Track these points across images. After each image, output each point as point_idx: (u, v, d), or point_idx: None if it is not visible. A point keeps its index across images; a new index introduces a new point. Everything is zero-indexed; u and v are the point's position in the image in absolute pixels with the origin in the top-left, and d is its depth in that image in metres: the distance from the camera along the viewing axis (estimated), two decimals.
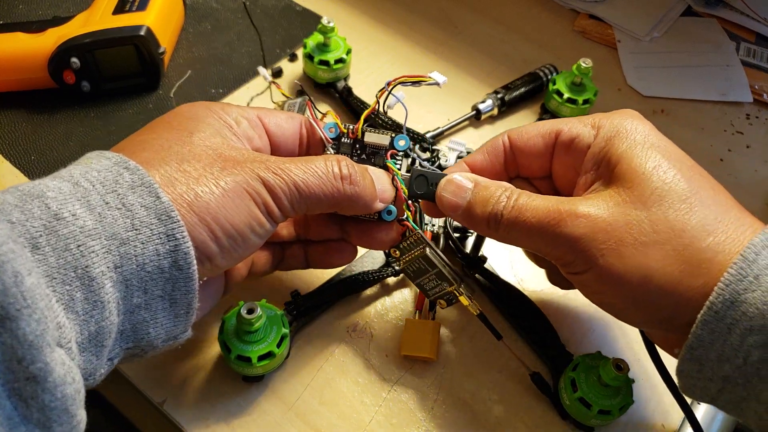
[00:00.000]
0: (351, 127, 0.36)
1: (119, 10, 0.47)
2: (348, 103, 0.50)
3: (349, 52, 0.50)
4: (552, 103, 0.50)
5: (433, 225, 0.42)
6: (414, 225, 0.34)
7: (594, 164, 0.32)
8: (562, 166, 0.34)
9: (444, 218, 0.42)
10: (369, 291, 0.41)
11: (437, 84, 0.35)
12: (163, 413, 0.35)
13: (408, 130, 0.46)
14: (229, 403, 0.35)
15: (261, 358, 0.34)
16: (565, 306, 0.41)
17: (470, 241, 0.42)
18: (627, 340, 0.40)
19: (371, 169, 0.34)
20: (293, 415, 0.35)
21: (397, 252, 0.35)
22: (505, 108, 0.51)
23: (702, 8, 0.63)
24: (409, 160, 0.36)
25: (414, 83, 0.36)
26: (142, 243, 0.26)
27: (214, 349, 0.37)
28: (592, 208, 0.30)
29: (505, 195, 0.32)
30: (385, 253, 0.41)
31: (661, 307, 0.29)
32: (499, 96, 0.51)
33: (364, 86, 0.52)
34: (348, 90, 0.50)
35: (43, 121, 0.47)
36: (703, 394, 0.29)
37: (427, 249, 0.34)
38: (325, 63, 0.49)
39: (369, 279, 0.40)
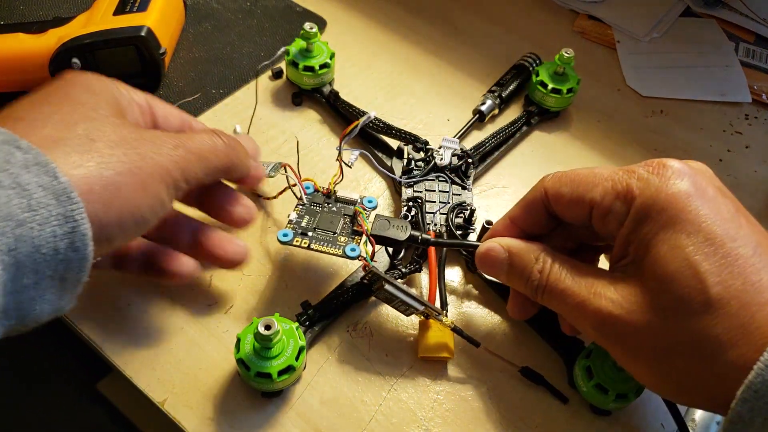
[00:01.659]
0: (323, 187, 0.41)
1: (120, 10, 0.48)
2: (335, 108, 0.49)
3: (332, 56, 0.50)
4: (537, 95, 0.51)
5: (435, 225, 0.42)
6: (372, 263, 0.36)
7: (625, 242, 0.31)
8: (601, 229, 0.33)
9: (445, 217, 0.42)
10: None
11: (369, 118, 0.41)
12: (165, 413, 0.35)
13: (399, 131, 0.46)
14: (229, 402, 0.36)
15: (281, 373, 0.33)
16: None
17: (472, 239, 0.42)
18: None
19: (234, 135, 0.38)
20: (294, 414, 0.36)
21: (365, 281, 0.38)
22: (504, 104, 0.52)
23: (701, 9, 0.63)
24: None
25: (351, 131, 0.41)
26: (39, 224, 0.25)
27: (215, 351, 0.37)
28: (617, 308, 0.29)
29: (537, 269, 0.33)
30: (389, 256, 0.41)
31: (688, 399, 0.30)
32: (496, 95, 0.51)
33: (364, 87, 0.52)
34: (335, 94, 0.50)
35: None
36: None
37: (385, 284, 0.35)
38: (310, 69, 0.49)
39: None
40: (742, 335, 0.27)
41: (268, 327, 0.32)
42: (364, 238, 0.38)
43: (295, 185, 0.41)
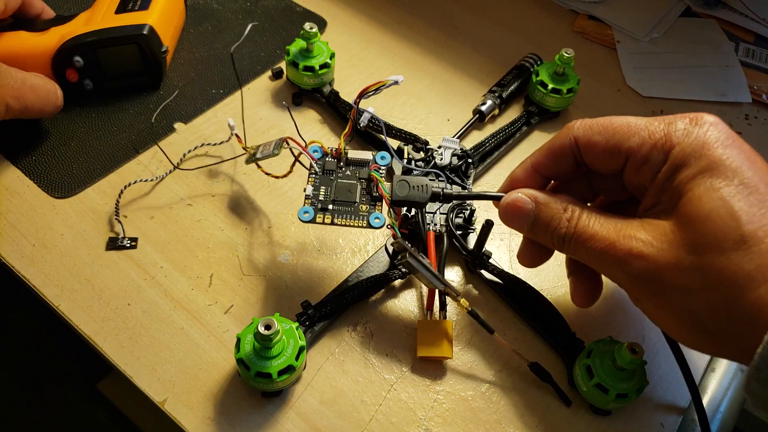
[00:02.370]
0: (333, 148, 0.39)
1: (122, 9, 0.48)
2: (335, 108, 0.50)
3: (332, 56, 0.50)
4: (537, 95, 0.51)
5: (435, 225, 0.42)
6: (398, 232, 0.35)
7: (660, 189, 0.31)
8: (633, 180, 0.33)
9: (446, 216, 0.42)
10: None
11: (396, 83, 0.37)
12: (165, 413, 0.35)
13: (399, 131, 0.46)
14: (229, 401, 0.36)
15: (281, 372, 0.33)
16: (566, 300, 0.41)
17: (472, 238, 0.42)
18: (634, 324, 0.41)
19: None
20: (294, 414, 0.36)
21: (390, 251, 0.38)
22: (504, 105, 0.52)
23: (701, 9, 0.63)
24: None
25: (375, 91, 0.38)
26: None
27: (215, 351, 0.37)
28: (645, 247, 0.29)
29: (565, 217, 0.33)
30: (389, 256, 0.41)
31: (713, 345, 0.29)
32: (496, 95, 0.51)
33: (364, 86, 0.52)
34: (335, 94, 0.50)
35: (44, 121, 0.47)
36: None
37: (408, 256, 0.35)
38: (310, 69, 0.49)
39: (378, 283, 0.40)
40: None
41: (268, 327, 0.32)
42: (385, 206, 0.37)
43: (300, 154, 0.39)
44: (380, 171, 0.39)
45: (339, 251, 0.42)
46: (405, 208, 0.42)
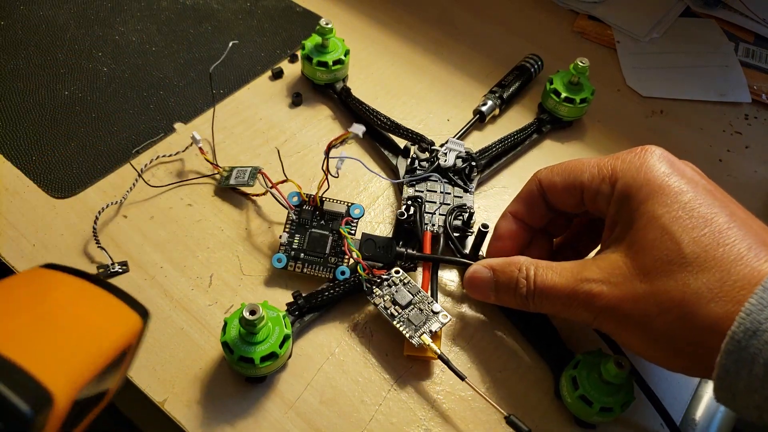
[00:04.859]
0: (311, 195, 0.41)
1: None
2: (347, 105, 0.50)
3: (347, 53, 0.50)
4: (549, 102, 0.50)
5: (433, 225, 0.42)
6: (366, 286, 0.38)
7: (612, 221, 0.33)
8: (593, 209, 0.35)
9: (445, 219, 0.42)
10: None
11: (358, 135, 0.37)
12: (165, 413, 0.35)
13: (406, 130, 0.46)
14: (229, 402, 0.36)
15: (264, 359, 0.34)
16: None
17: (470, 241, 0.42)
18: None
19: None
20: (294, 415, 0.36)
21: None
22: (504, 105, 0.52)
23: (701, 9, 0.63)
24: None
25: (342, 142, 0.39)
26: None
27: (215, 351, 0.37)
28: (603, 286, 0.31)
29: (522, 277, 0.35)
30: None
31: (680, 361, 0.30)
32: (497, 95, 0.51)
33: (364, 87, 0.52)
34: (347, 91, 0.50)
35: (44, 122, 0.47)
36: (750, 417, 0.29)
37: (376, 308, 0.38)
38: (324, 64, 0.49)
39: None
40: (720, 289, 0.28)
41: (253, 312, 0.33)
42: (351, 257, 0.39)
43: (273, 188, 0.41)
44: (352, 224, 0.41)
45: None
46: (404, 207, 0.42)
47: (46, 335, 0.17)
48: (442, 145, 0.46)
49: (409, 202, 0.42)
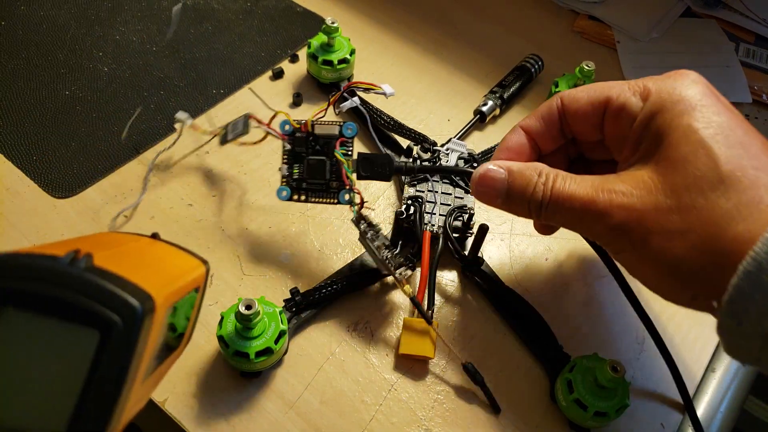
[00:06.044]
0: (303, 121, 0.40)
1: None
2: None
3: (353, 52, 0.50)
4: None
5: (432, 225, 0.42)
6: (355, 214, 0.38)
7: (638, 138, 0.31)
8: (612, 133, 0.34)
9: (444, 219, 0.42)
10: (369, 290, 0.41)
11: (384, 94, 0.40)
12: (163, 411, 0.35)
13: (409, 130, 0.46)
14: (230, 403, 0.36)
15: (258, 354, 0.34)
16: (563, 308, 0.41)
17: (469, 242, 0.42)
18: (625, 343, 0.40)
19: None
20: (294, 415, 0.36)
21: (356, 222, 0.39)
22: (505, 105, 0.52)
23: (701, 9, 0.63)
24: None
25: (365, 90, 0.41)
26: None
27: (214, 348, 0.37)
28: (625, 198, 0.29)
29: (540, 182, 0.32)
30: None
31: (690, 289, 0.29)
32: (497, 95, 0.51)
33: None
34: (351, 91, 0.50)
35: (45, 122, 0.47)
36: (746, 354, 0.28)
37: (360, 237, 0.37)
38: (329, 63, 0.49)
39: (368, 276, 0.40)
40: (750, 211, 0.27)
41: (249, 307, 0.33)
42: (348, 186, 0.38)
43: (267, 134, 0.40)
44: (348, 144, 0.39)
45: (339, 251, 0.42)
46: (405, 206, 0.42)
47: (144, 265, 0.21)
48: (443, 146, 0.46)
49: (409, 202, 0.42)
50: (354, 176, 0.38)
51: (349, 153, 0.39)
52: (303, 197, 0.40)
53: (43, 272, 0.19)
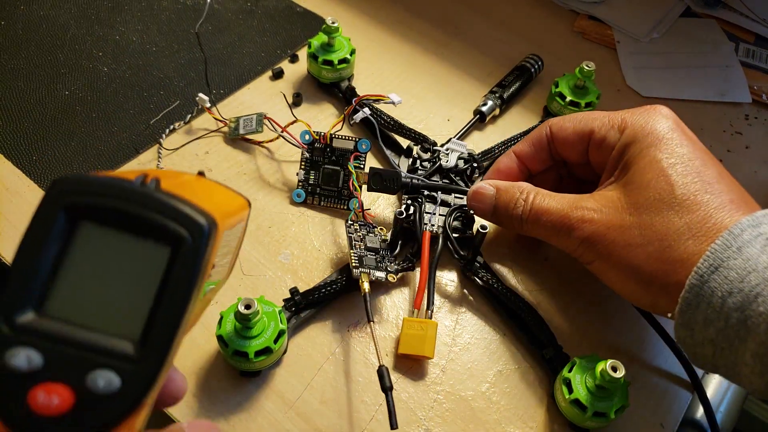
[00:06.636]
0: (322, 133, 0.44)
1: None
2: (351, 104, 0.50)
3: (353, 52, 0.50)
4: (554, 106, 0.50)
5: (432, 225, 0.42)
6: (354, 215, 0.42)
7: (613, 165, 0.37)
8: (596, 159, 0.39)
9: (444, 220, 0.42)
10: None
11: (393, 103, 0.43)
12: (163, 411, 0.35)
13: (409, 130, 0.46)
14: (229, 402, 0.36)
15: (258, 353, 0.34)
16: (563, 308, 0.41)
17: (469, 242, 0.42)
18: (624, 343, 0.40)
19: None
20: (294, 414, 0.36)
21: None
22: (504, 105, 0.52)
23: (701, 9, 0.63)
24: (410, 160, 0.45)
25: (375, 101, 0.45)
26: None
27: (212, 346, 0.37)
28: (595, 213, 0.35)
29: (521, 198, 0.37)
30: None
31: (650, 293, 0.33)
32: (497, 95, 0.51)
33: (366, 87, 0.52)
34: (351, 90, 0.50)
35: (45, 121, 0.47)
36: (704, 362, 0.32)
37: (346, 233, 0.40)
38: (329, 63, 0.49)
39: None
40: (699, 229, 0.32)
41: (248, 306, 0.33)
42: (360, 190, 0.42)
43: (280, 135, 0.44)
44: (361, 158, 0.43)
45: (339, 251, 0.42)
46: (404, 206, 0.42)
47: (200, 193, 0.23)
48: (443, 146, 0.46)
49: (409, 202, 0.42)
50: (362, 187, 0.41)
51: (362, 166, 0.43)
52: (317, 201, 0.44)
53: (118, 190, 0.21)
